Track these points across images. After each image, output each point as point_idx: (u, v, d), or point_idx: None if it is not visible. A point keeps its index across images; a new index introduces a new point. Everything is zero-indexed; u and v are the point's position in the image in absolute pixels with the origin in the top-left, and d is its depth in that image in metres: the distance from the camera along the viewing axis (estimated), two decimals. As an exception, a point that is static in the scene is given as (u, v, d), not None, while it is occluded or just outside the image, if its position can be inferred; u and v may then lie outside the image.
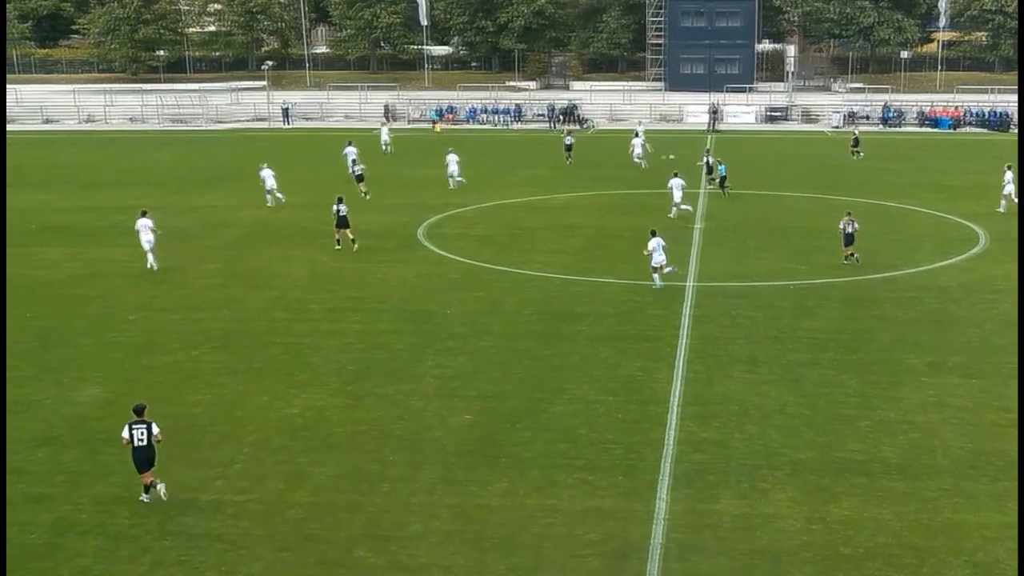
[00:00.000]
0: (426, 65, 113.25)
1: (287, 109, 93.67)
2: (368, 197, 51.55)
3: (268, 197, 50.49)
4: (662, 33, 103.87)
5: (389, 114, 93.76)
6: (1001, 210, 46.40)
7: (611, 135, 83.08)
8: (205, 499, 19.56)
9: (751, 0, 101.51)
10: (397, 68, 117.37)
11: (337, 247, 40.19)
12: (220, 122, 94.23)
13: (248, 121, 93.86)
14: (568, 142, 65.30)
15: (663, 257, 34.02)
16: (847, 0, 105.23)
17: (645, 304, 32.50)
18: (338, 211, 40.21)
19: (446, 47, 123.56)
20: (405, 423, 23.16)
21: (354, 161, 56.91)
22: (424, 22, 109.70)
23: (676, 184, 45.57)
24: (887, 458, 21.11)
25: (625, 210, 48.27)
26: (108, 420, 23.40)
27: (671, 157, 59.79)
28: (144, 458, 19.30)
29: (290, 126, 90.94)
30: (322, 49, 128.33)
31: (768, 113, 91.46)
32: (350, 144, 60.27)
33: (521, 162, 65.36)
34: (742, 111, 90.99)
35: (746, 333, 29.37)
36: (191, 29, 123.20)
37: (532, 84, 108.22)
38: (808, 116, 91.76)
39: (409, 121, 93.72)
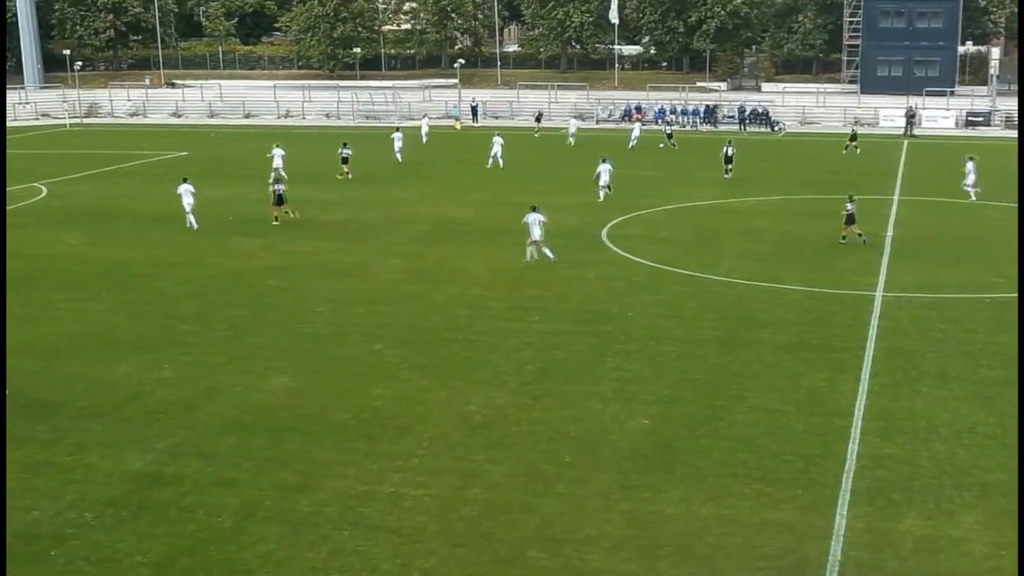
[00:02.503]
0: (616, 65, 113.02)
1: (476, 107, 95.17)
2: (343, 177, 58.32)
3: (276, 175, 53.97)
4: (859, 33, 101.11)
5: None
6: None
7: (803, 138, 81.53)
8: (384, 491, 19.93)
9: (954, 0, 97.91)
10: (586, 67, 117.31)
11: (275, 223, 44.58)
12: (411, 119, 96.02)
13: (438, 118, 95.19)
14: (668, 131, 74.48)
15: (539, 232, 36.72)
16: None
17: (831, 313, 31.73)
18: (275, 190, 45.28)
19: (636, 47, 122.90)
20: (582, 425, 23.17)
21: (399, 149, 64.87)
22: (614, 21, 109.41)
23: (604, 169, 50.38)
24: (1085, 485, 20.06)
25: (813, 216, 47.18)
26: (294, 409, 24.21)
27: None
28: None
29: (478, 124, 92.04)
30: (513, 48, 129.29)
31: (968, 118, 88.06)
32: (398, 131, 67.66)
33: (706, 164, 64.38)
34: (940, 115, 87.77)
35: (936, 347, 28.37)
36: (386, 27, 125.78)
37: (722, 85, 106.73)
38: (1011, 122, 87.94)
39: (597, 121, 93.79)
